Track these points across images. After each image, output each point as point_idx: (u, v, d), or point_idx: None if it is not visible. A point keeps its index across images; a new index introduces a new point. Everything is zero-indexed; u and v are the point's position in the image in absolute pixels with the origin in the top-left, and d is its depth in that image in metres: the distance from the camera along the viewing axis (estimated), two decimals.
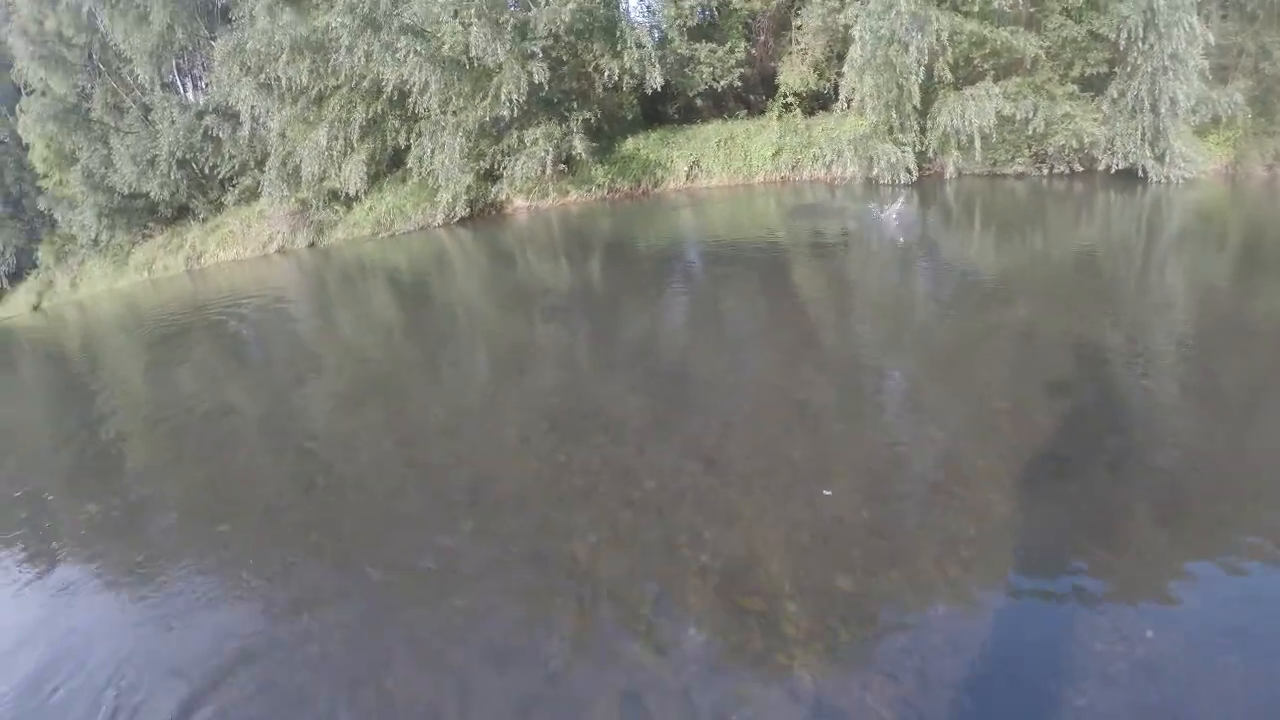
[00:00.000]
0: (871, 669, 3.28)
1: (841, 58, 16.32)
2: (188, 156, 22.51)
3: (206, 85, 24.30)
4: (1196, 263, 9.85)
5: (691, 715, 3.16)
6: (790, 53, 17.25)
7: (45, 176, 26.39)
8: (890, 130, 15.59)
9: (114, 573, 5.53)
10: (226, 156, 22.13)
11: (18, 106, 26.16)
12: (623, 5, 17.62)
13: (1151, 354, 6.40)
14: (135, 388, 11.87)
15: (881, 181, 15.61)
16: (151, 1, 21.83)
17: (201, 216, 23.54)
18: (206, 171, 22.79)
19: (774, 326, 8.37)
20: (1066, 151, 15.09)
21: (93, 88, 25.50)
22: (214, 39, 22.72)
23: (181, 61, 24.91)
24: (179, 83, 25.62)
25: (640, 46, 16.08)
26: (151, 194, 23.43)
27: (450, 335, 10.55)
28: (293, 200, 19.62)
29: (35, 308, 27.07)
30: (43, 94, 25.40)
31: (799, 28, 16.95)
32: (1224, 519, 3.99)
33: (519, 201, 17.58)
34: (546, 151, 16.07)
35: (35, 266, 28.28)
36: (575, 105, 16.79)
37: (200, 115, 22.42)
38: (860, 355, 7.17)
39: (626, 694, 3.31)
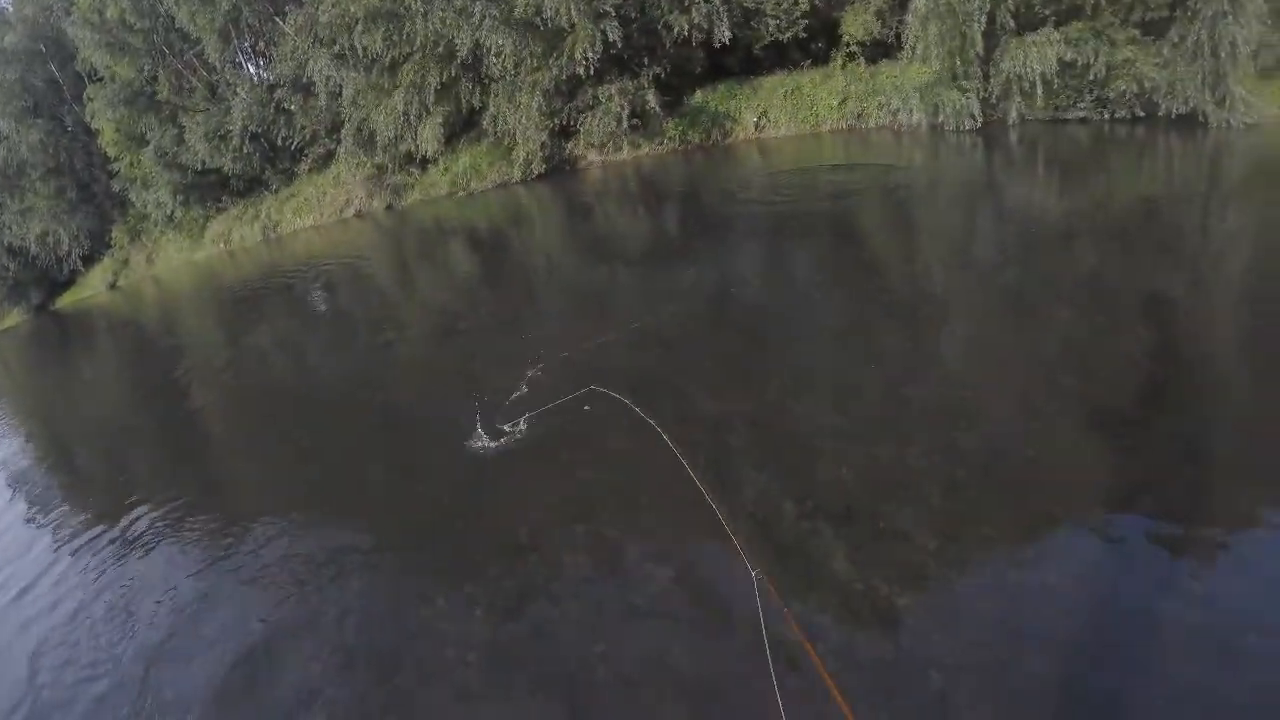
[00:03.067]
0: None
1: (904, 5, 16.59)
2: (260, 130, 23.29)
3: (270, 61, 25.07)
4: (1259, 210, 9.99)
5: None
6: (854, 2, 17.58)
7: (116, 159, 27.33)
8: (954, 77, 15.87)
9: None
10: (298, 128, 22.87)
11: (85, 95, 27.10)
12: None
13: (1214, 307, 6.34)
14: (213, 361, 12.35)
15: (947, 128, 15.95)
16: None
17: (274, 187, 24.37)
18: (279, 143, 23.55)
19: (847, 272, 8.71)
20: (1128, 96, 15.26)
21: (157, 70, 26.32)
22: (278, 16, 23.51)
23: (249, 40, 25.66)
24: (243, 61, 26.44)
25: (708, 1, 16.52)
26: (225, 168, 24.29)
27: (536, 288, 11.02)
28: (369, 165, 20.34)
29: (112, 286, 28.16)
30: (111, 79, 26.28)
31: None
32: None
33: (593, 156, 18.13)
34: (622, 107, 16.59)
35: (109, 247, 29.33)
36: (645, 61, 17.27)
37: (271, 89, 23.16)
38: (925, 303, 7.40)
39: None
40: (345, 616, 4.62)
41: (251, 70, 25.99)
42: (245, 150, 23.63)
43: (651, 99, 16.78)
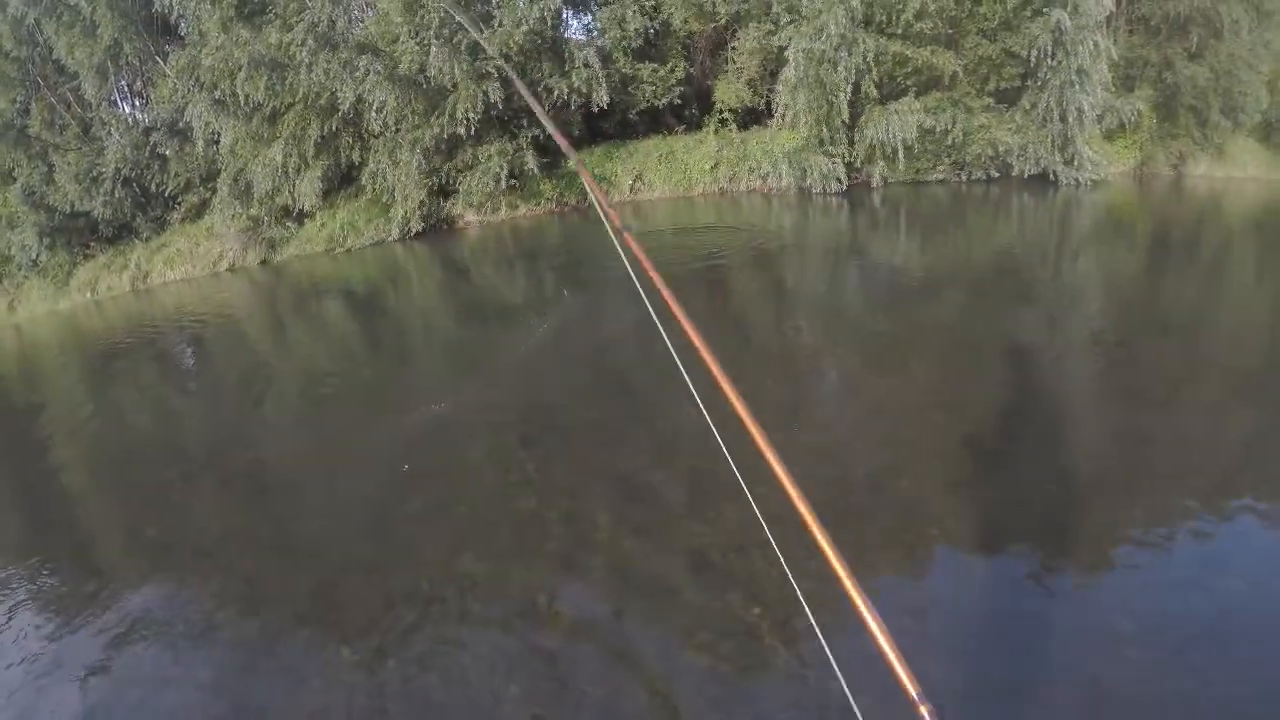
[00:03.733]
0: None
1: (774, 75, 17.39)
2: (134, 174, 22.34)
3: (148, 102, 24.16)
4: (1105, 258, 10.87)
5: None
6: (726, 71, 18.26)
7: None
8: (821, 143, 16.70)
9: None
10: (173, 174, 22.03)
11: None
12: (564, 28, 18.42)
13: (1067, 346, 6.99)
14: (77, 417, 11.70)
15: (814, 191, 16.68)
16: (99, 15, 21.59)
17: (145, 235, 23.31)
18: (152, 189, 22.62)
19: (716, 328, 8.82)
20: (983, 159, 16.43)
21: (30, 103, 25.04)
22: (160, 56, 22.72)
23: (126, 78, 24.68)
24: (119, 100, 25.38)
25: (588, 66, 16.88)
26: (95, 212, 23.12)
27: (413, 349, 10.93)
28: (244, 217, 19.75)
29: None
30: None
31: (734, 48, 17.96)
32: (1137, 499, 4.38)
33: (470, 216, 18.15)
34: (501, 167, 16.75)
35: None
36: (524, 123, 17.46)
37: (147, 132, 22.30)
38: (799, 352, 7.81)
39: None
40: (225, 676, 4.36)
41: (127, 110, 24.98)
42: (117, 194, 22.56)
43: (530, 160, 16.99)
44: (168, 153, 21.88)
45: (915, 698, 1.26)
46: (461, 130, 16.66)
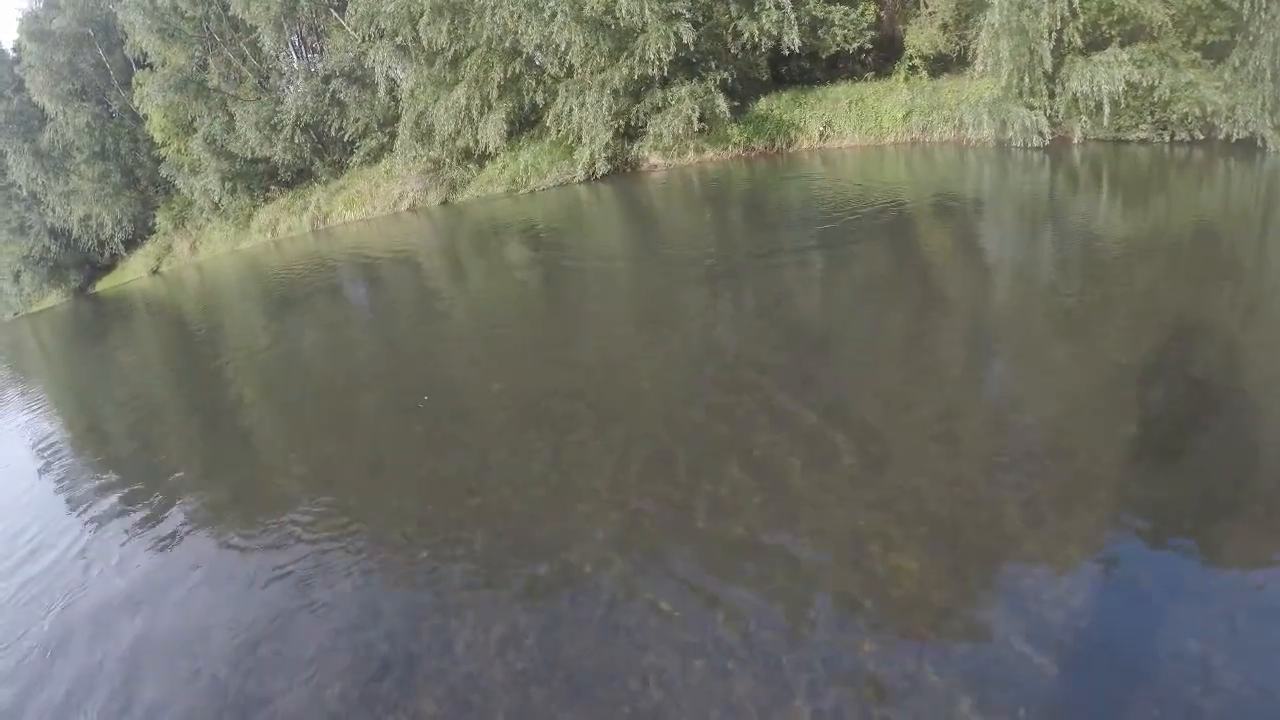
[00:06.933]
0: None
1: (967, 20, 16.69)
2: (313, 120, 23.40)
3: (322, 53, 25.24)
4: None
5: None
6: (918, 15, 17.64)
7: (164, 145, 27.51)
8: (1021, 94, 15.94)
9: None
10: (352, 119, 22.98)
11: (134, 80, 27.29)
12: None
13: (1269, 329, 6.33)
14: (254, 350, 12.23)
15: (1014, 144, 15.98)
16: None
17: (324, 179, 24.46)
18: (331, 134, 23.66)
19: (900, 285, 8.68)
20: (1189, 119, 15.31)
21: (207, 58, 26.54)
22: (334, 7, 23.67)
23: (299, 30, 25.84)
24: (294, 51, 26.61)
25: (780, 8, 16.58)
26: (274, 158, 24.41)
27: (588, 298, 10.69)
28: (425, 159, 20.40)
29: (154, 271, 28.29)
30: (162, 65, 26.48)
31: None
32: None
33: (656, 159, 18.17)
34: (693, 109, 16.63)
35: (153, 233, 29.46)
36: (712, 65, 17.34)
37: (326, 80, 23.29)
38: (985, 315, 7.47)
39: None
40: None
41: (298, 62, 26.14)
42: (296, 140, 23.75)
43: (721, 103, 16.83)
44: (347, 99, 22.79)
45: None
46: (653, 71, 16.64)
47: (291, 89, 23.76)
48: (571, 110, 17.66)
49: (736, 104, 17.48)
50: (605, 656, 3.65)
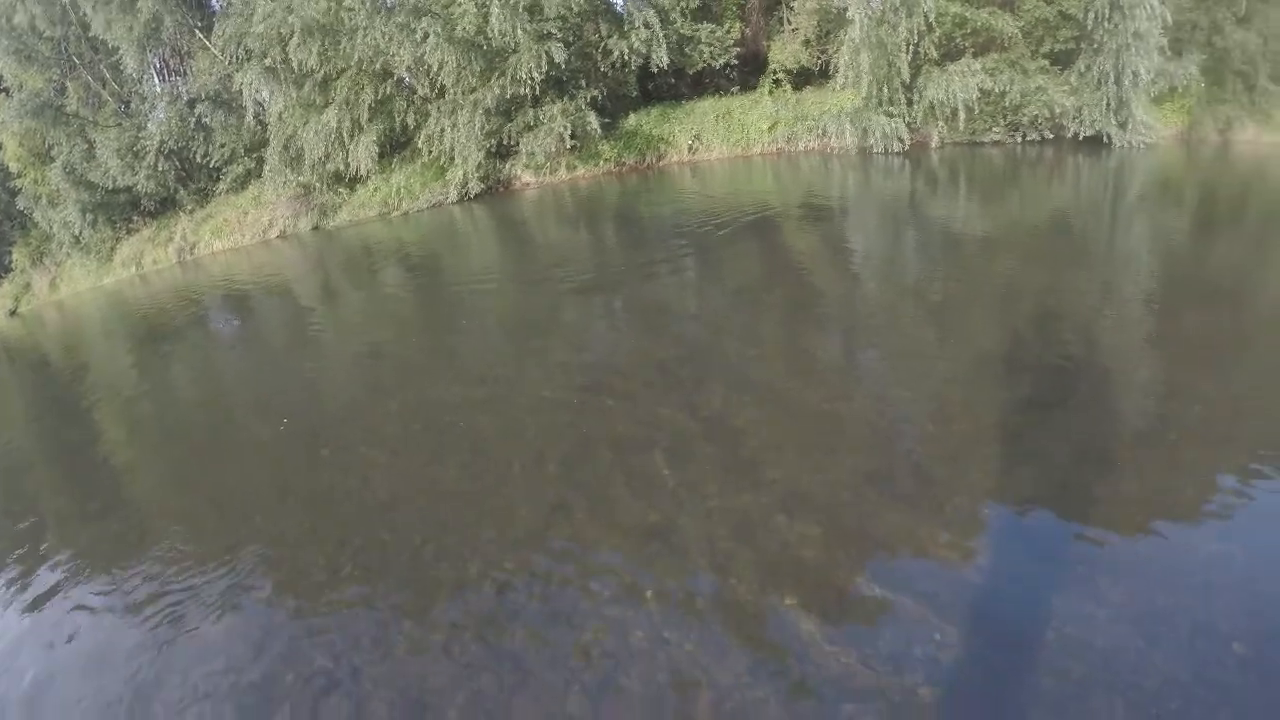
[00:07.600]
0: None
1: (829, 35, 17.33)
2: (177, 146, 22.29)
3: (187, 76, 24.11)
4: (1157, 220, 10.79)
5: None
6: (782, 32, 18.21)
7: (20, 175, 25.69)
8: (881, 103, 16.63)
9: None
10: (218, 145, 21.98)
11: None
12: None
13: (1120, 307, 6.85)
14: (123, 388, 11.52)
15: (876, 150, 16.62)
16: None
17: (189, 208, 23.27)
18: (196, 160, 22.57)
19: (775, 285, 8.98)
20: (1039, 121, 16.38)
21: (66, 81, 25.01)
22: (200, 28, 22.68)
23: (163, 53, 24.64)
24: (155, 75, 25.33)
25: (648, 27, 16.82)
26: (137, 187, 23.08)
27: (465, 309, 10.59)
28: (294, 184, 19.69)
29: (12, 313, 26.18)
30: (18, 89, 24.81)
31: (791, 8, 17.91)
32: (1185, 456, 4.40)
33: (528, 177, 18.09)
34: (565, 127, 16.67)
35: (9, 271, 27.41)
36: (583, 84, 17.41)
37: (191, 104, 22.24)
38: (857, 311, 7.76)
39: None
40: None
41: (159, 85, 24.93)
42: (160, 167, 22.52)
43: (592, 120, 16.90)
44: (213, 123, 21.81)
45: None
46: (524, 90, 16.58)
47: (154, 114, 22.57)
48: (444, 130, 17.43)
49: (607, 121, 17.62)
50: (546, 639, 3.79)
